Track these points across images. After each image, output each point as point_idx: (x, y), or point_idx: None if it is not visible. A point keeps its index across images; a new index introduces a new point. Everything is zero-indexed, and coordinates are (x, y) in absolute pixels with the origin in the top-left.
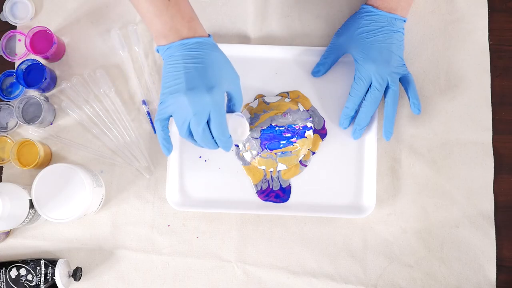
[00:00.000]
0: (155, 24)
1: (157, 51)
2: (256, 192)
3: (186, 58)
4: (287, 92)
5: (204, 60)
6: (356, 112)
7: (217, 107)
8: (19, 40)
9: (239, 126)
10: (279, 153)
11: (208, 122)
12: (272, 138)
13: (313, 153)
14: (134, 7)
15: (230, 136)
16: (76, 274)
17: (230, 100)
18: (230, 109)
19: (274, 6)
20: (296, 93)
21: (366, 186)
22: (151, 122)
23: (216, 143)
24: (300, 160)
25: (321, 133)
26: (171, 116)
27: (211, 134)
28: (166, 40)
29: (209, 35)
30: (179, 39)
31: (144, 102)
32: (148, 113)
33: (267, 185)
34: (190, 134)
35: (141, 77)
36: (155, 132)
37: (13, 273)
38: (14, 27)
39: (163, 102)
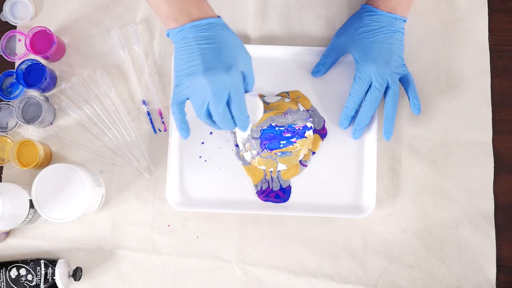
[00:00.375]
0: (163, 8)
1: (168, 35)
2: (256, 193)
3: (199, 39)
4: (287, 92)
5: (218, 40)
6: (356, 112)
7: (236, 86)
8: (19, 40)
9: (254, 105)
10: (279, 153)
11: (227, 102)
12: (272, 138)
13: (313, 153)
14: None
15: (248, 115)
16: (76, 274)
17: (243, 80)
18: (244, 89)
19: (274, 6)
20: (296, 93)
21: (366, 186)
22: (151, 122)
23: (235, 123)
24: (300, 160)
25: (321, 133)
26: (187, 98)
27: (231, 114)
28: (177, 23)
29: (218, 17)
30: (190, 21)
31: (144, 102)
32: (148, 113)
33: (267, 185)
34: (209, 116)
35: (141, 77)
36: (155, 132)
37: (13, 273)
38: (14, 27)
39: (179, 84)
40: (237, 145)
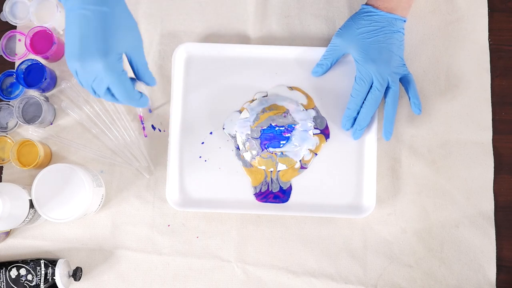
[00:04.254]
0: None
1: None
2: (254, 194)
3: (81, 18)
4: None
5: (103, 19)
6: (358, 113)
7: (113, 74)
8: (19, 40)
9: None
10: (279, 153)
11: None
12: (272, 138)
13: (315, 154)
14: None
15: (142, 94)
16: (76, 274)
17: (131, 65)
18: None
19: (274, 6)
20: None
21: (366, 186)
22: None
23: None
24: (300, 160)
25: (325, 133)
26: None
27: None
28: None
29: None
30: None
31: None
32: (149, 112)
33: (267, 187)
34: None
35: None
36: (154, 130)
37: (13, 273)
38: (14, 27)
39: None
40: (237, 147)
